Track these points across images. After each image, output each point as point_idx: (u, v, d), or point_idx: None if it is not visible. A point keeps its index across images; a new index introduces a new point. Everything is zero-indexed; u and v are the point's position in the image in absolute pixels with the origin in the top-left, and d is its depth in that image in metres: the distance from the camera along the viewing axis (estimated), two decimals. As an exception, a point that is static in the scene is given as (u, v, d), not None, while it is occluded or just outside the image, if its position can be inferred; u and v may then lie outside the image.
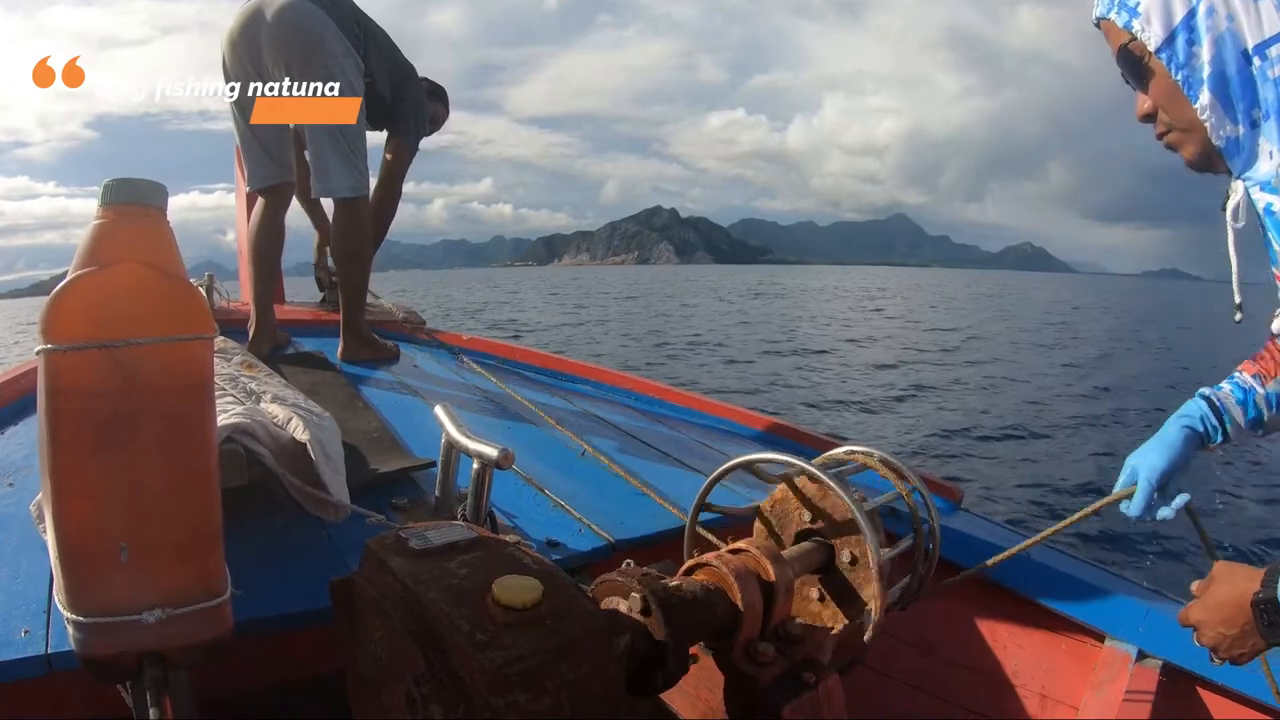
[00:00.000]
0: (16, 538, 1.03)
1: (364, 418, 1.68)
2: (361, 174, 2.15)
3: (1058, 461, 6.33)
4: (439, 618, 0.55)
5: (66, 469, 0.65)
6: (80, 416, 0.64)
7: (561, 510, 1.32)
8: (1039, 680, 1.27)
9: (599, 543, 1.21)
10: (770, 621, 0.78)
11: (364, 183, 2.17)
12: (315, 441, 1.09)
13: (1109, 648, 1.21)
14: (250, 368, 1.54)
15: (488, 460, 0.98)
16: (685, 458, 1.76)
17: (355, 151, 2.12)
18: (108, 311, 0.64)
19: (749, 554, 0.81)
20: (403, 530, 0.67)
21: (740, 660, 0.76)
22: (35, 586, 0.90)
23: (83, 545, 0.65)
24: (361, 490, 1.22)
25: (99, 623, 0.65)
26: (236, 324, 2.69)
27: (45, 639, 0.80)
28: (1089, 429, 7.56)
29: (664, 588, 0.71)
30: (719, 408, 2.29)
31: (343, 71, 2.02)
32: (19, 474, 1.27)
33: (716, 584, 0.77)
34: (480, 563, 0.63)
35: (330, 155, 2.09)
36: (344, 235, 2.18)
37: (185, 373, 0.69)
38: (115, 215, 0.67)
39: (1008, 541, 1.45)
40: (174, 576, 0.68)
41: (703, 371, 10.80)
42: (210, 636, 0.69)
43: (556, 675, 0.54)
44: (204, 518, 0.70)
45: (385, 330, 2.78)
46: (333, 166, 2.09)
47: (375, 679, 0.62)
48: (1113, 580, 1.40)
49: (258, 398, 1.27)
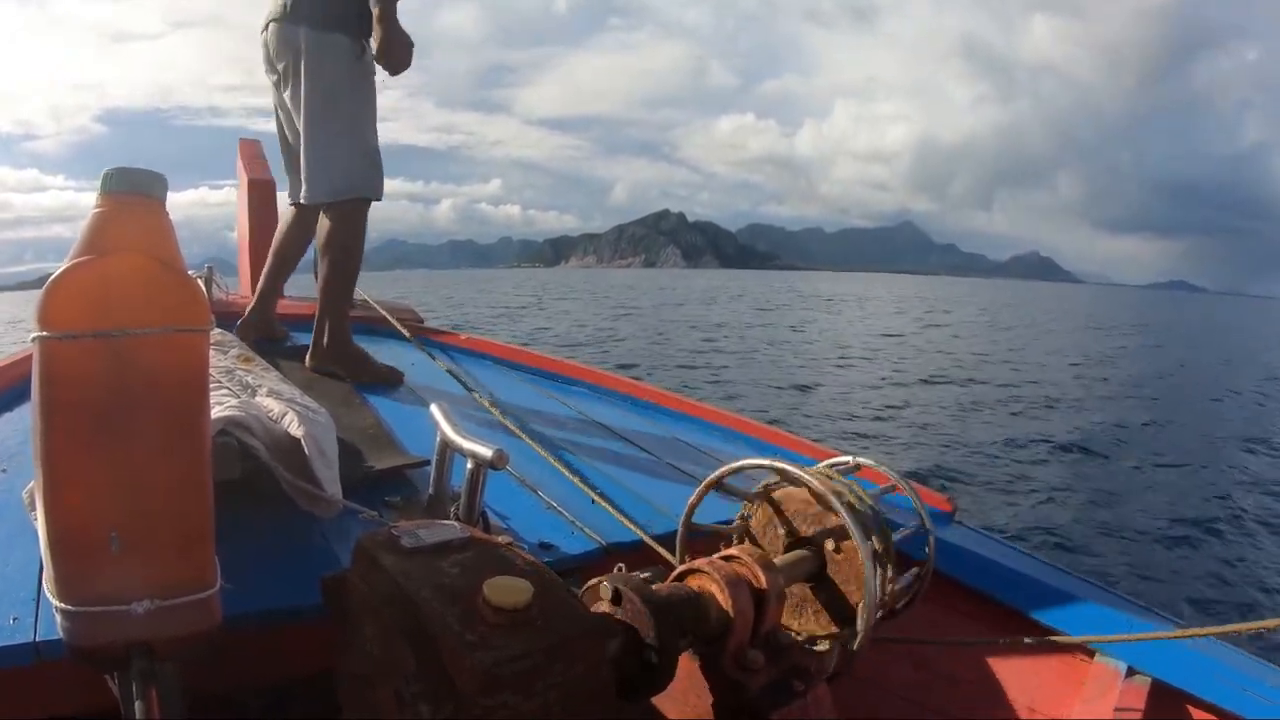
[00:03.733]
0: (8, 524, 1.03)
1: (360, 414, 1.68)
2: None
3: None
4: (430, 616, 0.55)
5: (59, 457, 0.64)
6: (74, 405, 0.64)
7: (554, 512, 1.31)
8: (1028, 694, 1.27)
9: (591, 546, 1.20)
10: (760, 629, 0.78)
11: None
12: (310, 437, 1.09)
13: (1098, 663, 1.21)
14: (247, 361, 1.54)
15: (482, 460, 0.97)
16: (680, 462, 1.76)
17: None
18: (104, 301, 0.64)
19: (741, 560, 0.81)
20: (395, 528, 0.67)
21: (730, 667, 0.75)
22: (25, 574, 0.90)
23: (73, 534, 0.65)
24: (355, 486, 1.22)
25: (87, 612, 0.65)
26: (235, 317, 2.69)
27: (34, 627, 0.80)
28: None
29: (655, 592, 0.71)
30: (715, 413, 2.29)
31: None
32: (12, 460, 1.27)
33: (707, 590, 0.77)
34: (472, 562, 0.63)
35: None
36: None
37: (181, 364, 0.69)
38: (114, 204, 0.67)
39: (1002, 553, 1.46)
40: (164, 568, 0.67)
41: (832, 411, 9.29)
42: (199, 629, 0.69)
43: (547, 677, 0.54)
44: (196, 510, 0.70)
45: (383, 329, 2.78)
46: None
47: (366, 676, 0.62)
48: (1103, 595, 1.40)
49: (253, 391, 1.27)
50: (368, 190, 2.02)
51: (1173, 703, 1.13)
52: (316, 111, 1.95)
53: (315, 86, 1.94)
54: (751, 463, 0.93)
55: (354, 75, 1.96)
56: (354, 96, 1.98)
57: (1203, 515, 5.38)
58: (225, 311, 2.69)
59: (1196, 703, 1.11)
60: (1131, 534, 5.03)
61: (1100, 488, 5.98)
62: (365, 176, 2.01)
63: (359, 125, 2.00)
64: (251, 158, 3.58)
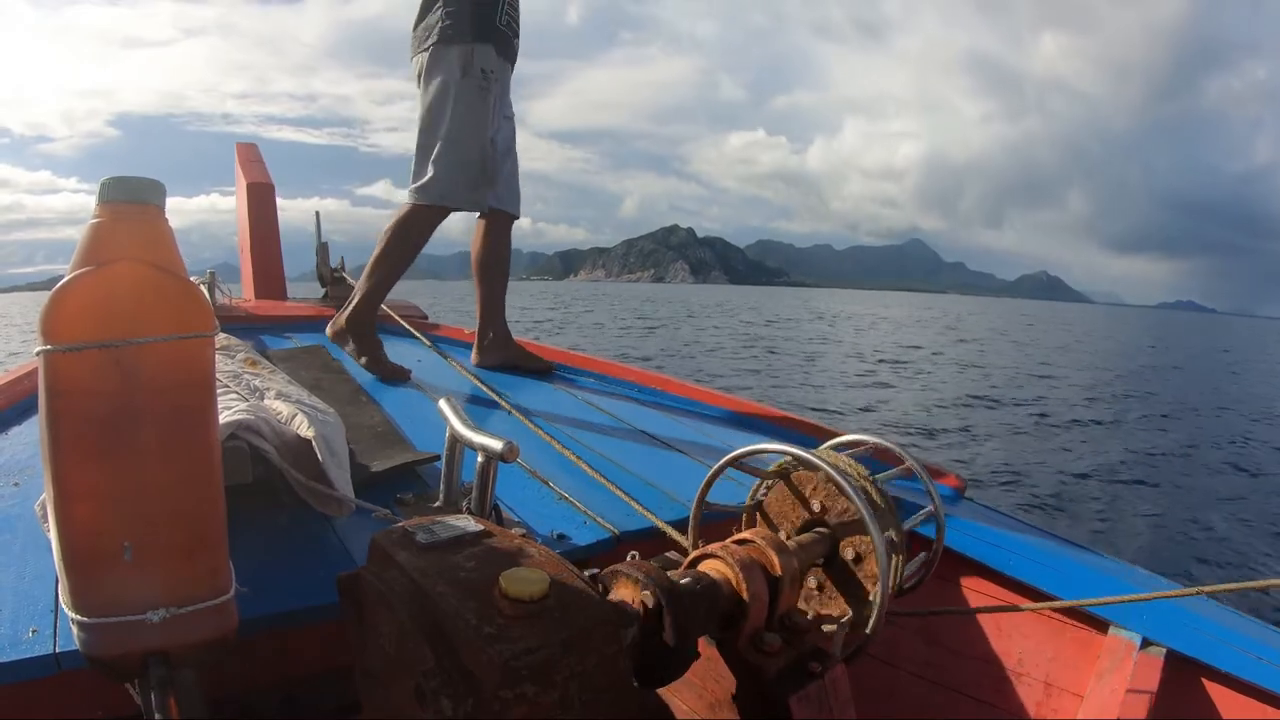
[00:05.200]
0: (23, 537, 1.03)
1: (368, 412, 1.68)
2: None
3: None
4: (447, 611, 0.55)
5: (68, 469, 0.64)
6: (81, 417, 0.64)
7: (566, 503, 1.32)
8: (1043, 668, 1.27)
9: (603, 535, 1.21)
10: (776, 612, 0.78)
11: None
12: (320, 438, 1.09)
13: (1113, 636, 1.21)
14: (254, 364, 1.55)
15: (492, 453, 0.98)
16: (689, 449, 1.76)
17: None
18: (107, 311, 0.64)
19: (754, 545, 0.81)
20: (409, 524, 0.67)
21: (746, 651, 0.76)
22: (42, 586, 0.90)
23: (86, 545, 0.65)
24: (366, 485, 1.22)
25: (103, 623, 0.65)
26: (239, 321, 2.70)
27: (53, 639, 0.80)
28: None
29: (669, 579, 0.71)
30: (723, 398, 2.29)
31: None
32: (24, 473, 1.27)
33: (722, 575, 0.77)
34: (487, 556, 0.63)
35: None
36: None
37: (187, 371, 0.69)
38: (113, 214, 0.67)
39: (1012, 530, 1.45)
40: (178, 575, 0.68)
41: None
42: (215, 635, 0.69)
43: (565, 667, 0.54)
44: (208, 516, 0.70)
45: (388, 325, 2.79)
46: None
47: (384, 673, 0.62)
48: (1117, 567, 1.40)
49: (261, 394, 1.27)
50: (457, 201, 2.13)
51: (1189, 673, 1.13)
52: (421, 118, 2.13)
53: (427, 97, 2.10)
54: (762, 447, 0.93)
55: (462, 87, 2.07)
56: (461, 108, 2.08)
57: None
58: (229, 316, 2.69)
59: (1212, 673, 1.11)
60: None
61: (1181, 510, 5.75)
62: (461, 187, 2.11)
63: (464, 136, 2.09)
64: (249, 161, 3.57)
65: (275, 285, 3.51)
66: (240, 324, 2.64)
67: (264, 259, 3.51)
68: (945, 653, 1.35)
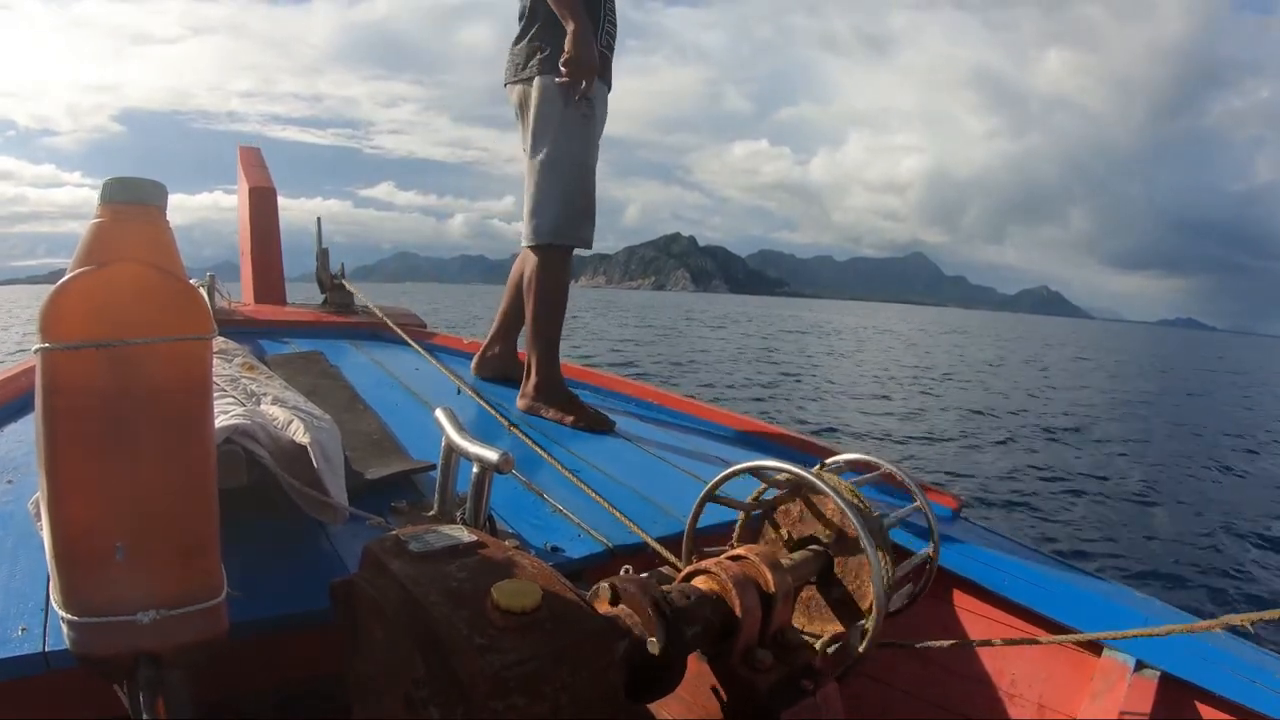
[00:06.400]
0: (15, 535, 1.03)
1: (364, 420, 1.68)
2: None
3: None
4: (439, 620, 0.55)
5: (63, 468, 0.64)
6: (78, 416, 0.64)
7: (560, 515, 1.31)
8: (1036, 689, 1.26)
9: (597, 548, 1.20)
10: (769, 629, 0.78)
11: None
12: (315, 444, 1.09)
13: (1107, 658, 1.20)
14: (251, 369, 1.54)
15: (487, 464, 0.97)
16: (685, 464, 1.76)
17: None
18: (106, 311, 0.64)
19: (748, 561, 0.80)
20: (402, 533, 0.67)
21: (738, 667, 0.75)
22: (33, 584, 0.90)
23: (79, 545, 0.65)
24: (361, 493, 1.22)
25: (94, 622, 0.65)
26: (238, 324, 2.69)
27: (43, 637, 0.80)
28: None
29: (663, 594, 0.71)
30: (720, 414, 2.29)
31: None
32: (18, 471, 1.27)
33: (715, 591, 0.77)
34: (480, 566, 0.63)
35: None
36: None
37: (184, 373, 0.69)
38: (114, 214, 0.67)
39: (1007, 551, 1.45)
40: (170, 577, 0.67)
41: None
42: (205, 637, 0.69)
43: (555, 679, 0.54)
44: (201, 519, 0.70)
45: (386, 335, 2.79)
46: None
47: (375, 681, 0.62)
48: (1110, 590, 1.40)
49: (258, 399, 1.27)
50: (569, 238, 2.02)
51: (1182, 696, 1.12)
52: (527, 152, 2.03)
53: (530, 132, 2.00)
54: (759, 465, 0.93)
55: (566, 119, 1.96)
56: (563, 141, 1.98)
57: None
58: (228, 319, 2.69)
59: (1205, 696, 1.11)
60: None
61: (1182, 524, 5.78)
62: (570, 223, 2.01)
63: (567, 170, 1.99)
64: (251, 165, 3.58)
65: (274, 289, 3.51)
66: (239, 328, 2.64)
67: (264, 263, 3.51)
68: (938, 672, 1.34)
